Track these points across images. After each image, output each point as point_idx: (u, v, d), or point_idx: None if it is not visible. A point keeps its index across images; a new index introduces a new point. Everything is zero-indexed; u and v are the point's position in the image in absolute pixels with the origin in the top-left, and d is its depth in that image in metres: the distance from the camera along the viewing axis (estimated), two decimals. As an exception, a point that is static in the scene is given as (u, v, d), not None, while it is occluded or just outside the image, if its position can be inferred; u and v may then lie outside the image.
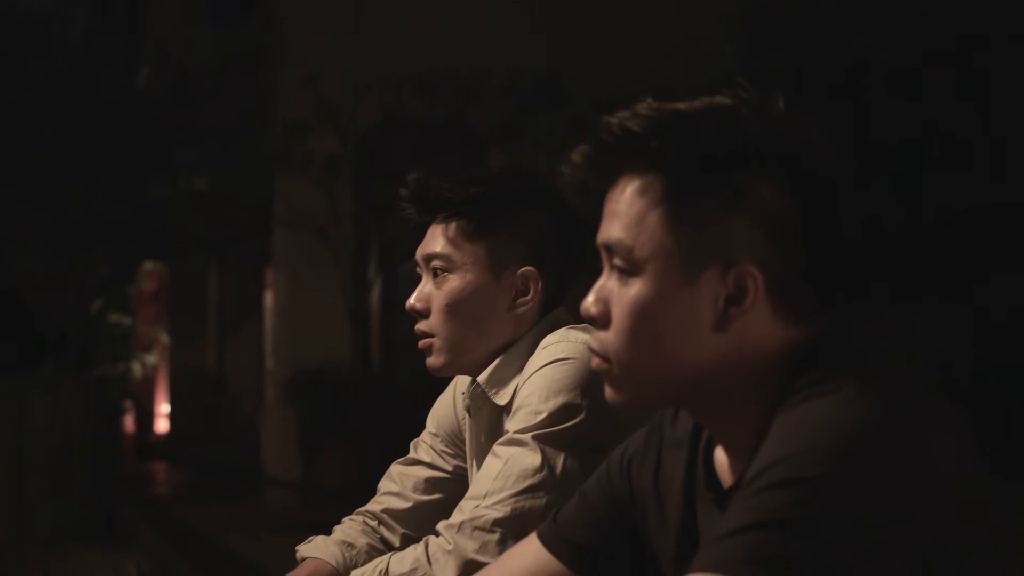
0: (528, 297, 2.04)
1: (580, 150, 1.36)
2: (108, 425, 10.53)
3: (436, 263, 2.05)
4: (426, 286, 2.07)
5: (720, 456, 1.41)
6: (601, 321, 1.36)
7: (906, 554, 1.16)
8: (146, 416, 15.73)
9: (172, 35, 11.28)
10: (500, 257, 2.03)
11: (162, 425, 15.47)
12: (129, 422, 15.67)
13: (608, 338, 1.35)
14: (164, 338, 14.80)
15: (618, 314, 1.34)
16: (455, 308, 2.04)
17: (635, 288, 1.33)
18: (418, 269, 2.10)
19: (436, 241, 2.06)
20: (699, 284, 1.31)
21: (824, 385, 1.23)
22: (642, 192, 1.33)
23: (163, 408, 15.49)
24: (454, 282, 2.04)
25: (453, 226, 2.04)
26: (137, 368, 12.80)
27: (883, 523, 1.16)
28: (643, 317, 1.32)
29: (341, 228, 8.63)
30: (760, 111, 1.32)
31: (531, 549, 1.60)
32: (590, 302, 1.37)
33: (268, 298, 11.22)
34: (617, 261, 1.35)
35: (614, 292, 1.35)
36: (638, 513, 1.53)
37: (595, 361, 1.38)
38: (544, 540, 1.59)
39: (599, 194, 1.38)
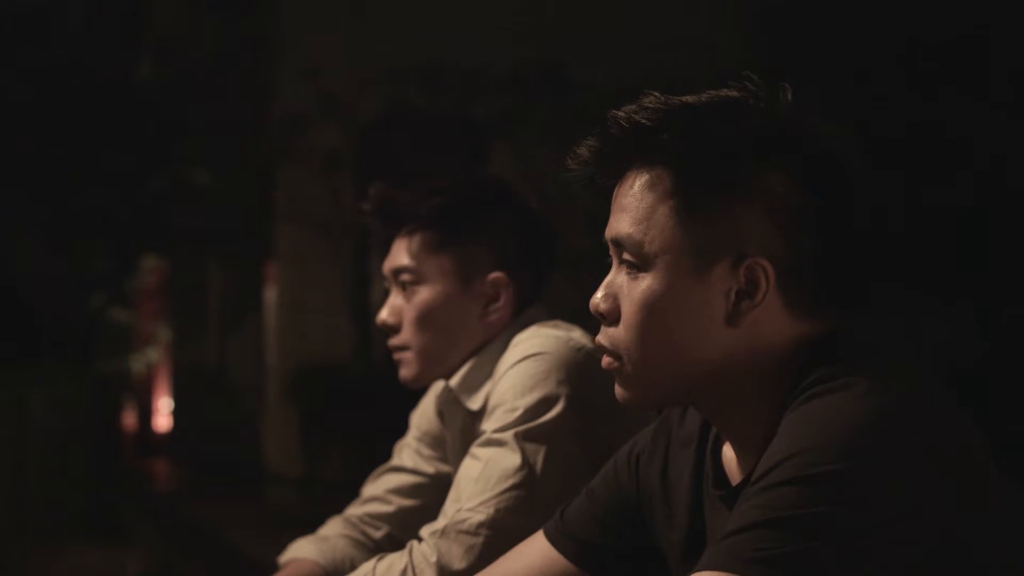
0: (499, 303, 2.04)
1: (587, 144, 1.35)
2: (108, 421, 10.53)
3: (404, 276, 2.05)
4: (396, 299, 2.07)
5: (728, 453, 1.40)
6: (610, 317, 1.35)
7: (914, 550, 1.16)
8: (147, 412, 15.73)
9: (172, 26, 11.27)
10: (468, 265, 2.03)
11: (163, 421, 15.47)
12: (130, 418, 15.68)
13: (618, 334, 1.34)
14: (165, 334, 14.80)
15: (628, 309, 1.33)
16: (426, 320, 2.03)
17: (645, 283, 1.32)
18: (386, 283, 2.09)
19: (402, 254, 2.05)
20: (710, 278, 1.30)
21: (834, 382, 1.23)
22: (651, 186, 1.32)
23: (164, 404, 15.49)
24: (423, 294, 2.03)
25: (418, 238, 2.04)
26: (138, 364, 12.80)
27: (891, 520, 1.15)
28: (654, 312, 1.31)
29: (343, 222, 8.61)
30: (769, 103, 1.31)
31: (537, 546, 1.59)
32: (599, 298, 1.36)
33: (269, 293, 11.22)
34: (627, 256, 1.33)
35: (623, 287, 1.34)
36: (645, 510, 1.52)
37: (605, 360, 1.37)
38: (550, 537, 1.58)
39: (606, 188, 1.37)
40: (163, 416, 15.51)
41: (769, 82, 1.32)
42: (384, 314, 2.07)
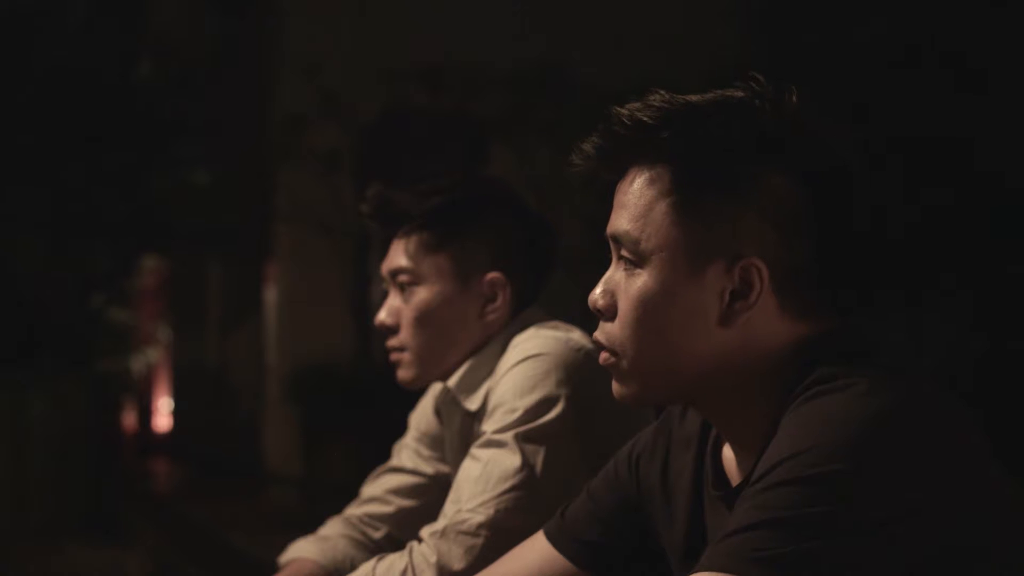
0: (497, 303, 2.04)
1: (591, 141, 1.35)
2: (108, 421, 10.51)
3: (402, 277, 2.04)
4: (394, 300, 2.07)
5: (728, 454, 1.40)
6: (608, 313, 1.35)
7: (915, 550, 1.15)
8: (147, 412, 15.73)
9: (172, 25, 11.26)
10: (466, 266, 2.03)
11: (163, 421, 15.46)
12: (130, 418, 15.67)
13: (614, 330, 1.34)
14: (166, 334, 14.79)
15: (624, 306, 1.33)
16: (424, 321, 2.03)
17: (641, 280, 1.32)
18: (384, 285, 2.09)
19: (399, 255, 2.05)
20: (705, 277, 1.30)
21: (833, 382, 1.22)
22: (650, 183, 1.33)
23: (164, 404, 15.48)
24: (421, 295, 2.03)
25: (415, 239, 2.04)
26: (138, 364, 12.79)
27: (892, 520, 1.15)
28: (648, 309, 1.31)
29: (343, 222, 8.61)
30: (773, 104, 1.31)
31: (538, 546, 1.59)
32: (597, 294, 1.36)
33: (269, 293, 11.21)
34: (624, 252, 1.34)
35: (621, 284, 1.34)
36: (646, 510, 1.52)
37: (603, 356, 1.37)
38: (551, 537, 1.58)
39: (609, 185, 1.37)
40: (163, 416, 15.50)
41: (775, 83, 1.32)
42: (382, 315, 2.07)
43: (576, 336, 1.96)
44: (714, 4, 9.18)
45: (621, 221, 1.34)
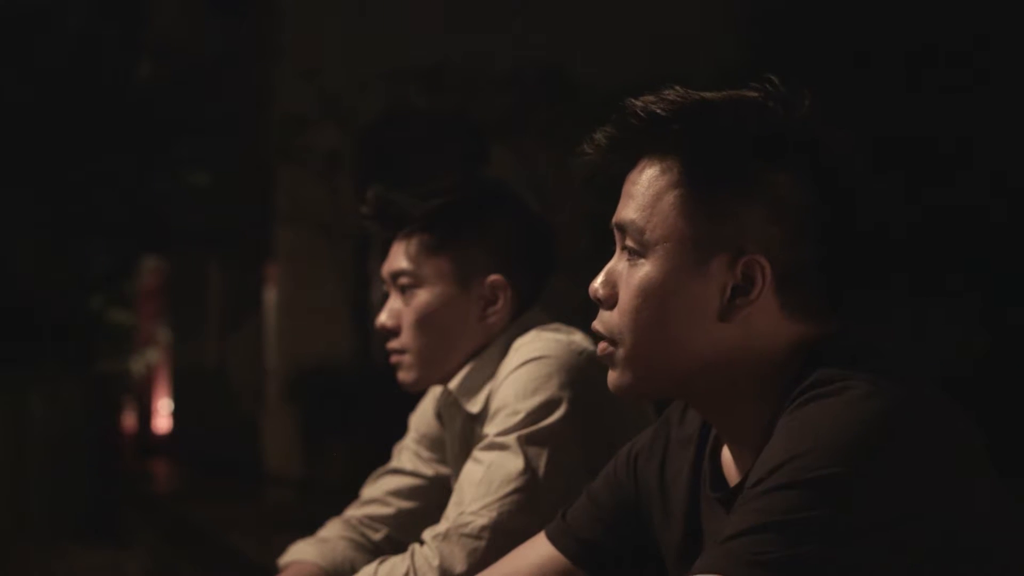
0: (497, 306, 2.03)
1: (603, 130, 1.35)
2: (108, 421, 10.53)
3: (403, 280, 2.04)
4: (395, 303, 2.06)
5: (726, 455, 1.40)
6: (608, 302, 1.36)
7: (913, 554, 1.15)
8: (147, 413, 15.75)
9: (172, 26, 11.28)
10: (467, 268, 2.02)
11: (163, 422, 15.48)
12: (130, 419, 15.69)
13: (613, 319, 1.35)
14: (165, 334, 14.82)
15: (625, 295, 1.33)
16: (425, 323, 2.02)
17: (644, 270, 1.32)
18: (385, 287, 2.08)
19: (400, 258, 2.04)
20: (708, 271, 1.30)
21: (831, 385, 1.22)
22: (660, 175, 1.33)
23: (164, 405, 15.50)
24: (422, 297, 2.02)
25: (416, 241, 2.03)
26: (138, 364, 12.81)
27: (890, 523, 1.14)
28: (649, 299, 1.31)
29: (342, 222, 8.61)
30: (784, 105, 1.31)
31: (539, 546, 1.58)
32: (598, 283, 1.37)
33: (269, 294, 11.22)
34: (629, 242, 1.34)
35: (623, 274, 1.34)
36: (644, 510, 1.52)
37: (600, 345, 1.37)
38: (552, 537, 1.58)
39: (615, 180, 1.37)
40: (163, 417, 15.52)
41: (789, 85, 1.32)
42: (383, 317, 2.06)
43: (578, 339, 1.96)
44: (715, 5, 9.19)
45: (628, 210, 1.34)
